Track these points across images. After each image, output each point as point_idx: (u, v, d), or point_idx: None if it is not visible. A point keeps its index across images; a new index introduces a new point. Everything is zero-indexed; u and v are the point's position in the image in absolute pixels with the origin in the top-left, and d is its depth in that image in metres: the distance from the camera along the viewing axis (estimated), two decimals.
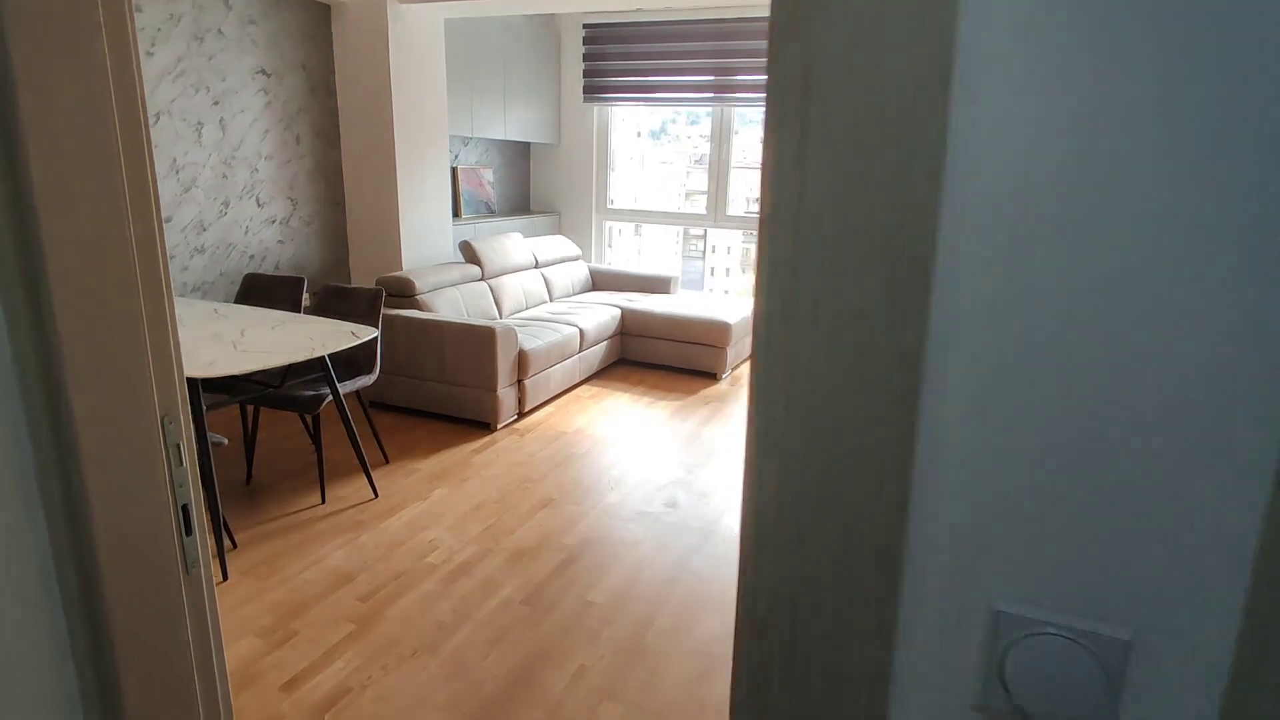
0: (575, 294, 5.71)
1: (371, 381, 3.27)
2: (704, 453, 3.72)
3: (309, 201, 4.38)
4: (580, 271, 5.85)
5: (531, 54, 5.87)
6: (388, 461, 3.46)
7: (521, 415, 4.14)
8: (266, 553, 2.65)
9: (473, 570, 2.59)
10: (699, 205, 6.59)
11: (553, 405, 4.36)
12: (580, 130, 6.40)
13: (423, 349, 3.93)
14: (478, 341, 3.79)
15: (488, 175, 5.93)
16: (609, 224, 6.70)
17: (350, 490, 3.17)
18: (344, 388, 3.09)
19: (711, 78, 5.82)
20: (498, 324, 3.82)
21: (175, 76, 3.53)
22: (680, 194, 6.91)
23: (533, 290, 5.22)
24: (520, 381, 4.04)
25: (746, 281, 6.94)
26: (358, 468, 3.36)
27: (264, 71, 3.98)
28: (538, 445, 3.74)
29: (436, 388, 3.96)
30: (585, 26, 6.10)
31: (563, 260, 5.72)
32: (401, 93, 4.32)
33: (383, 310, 3.95)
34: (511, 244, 5.14)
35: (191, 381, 2.35)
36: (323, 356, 2.60)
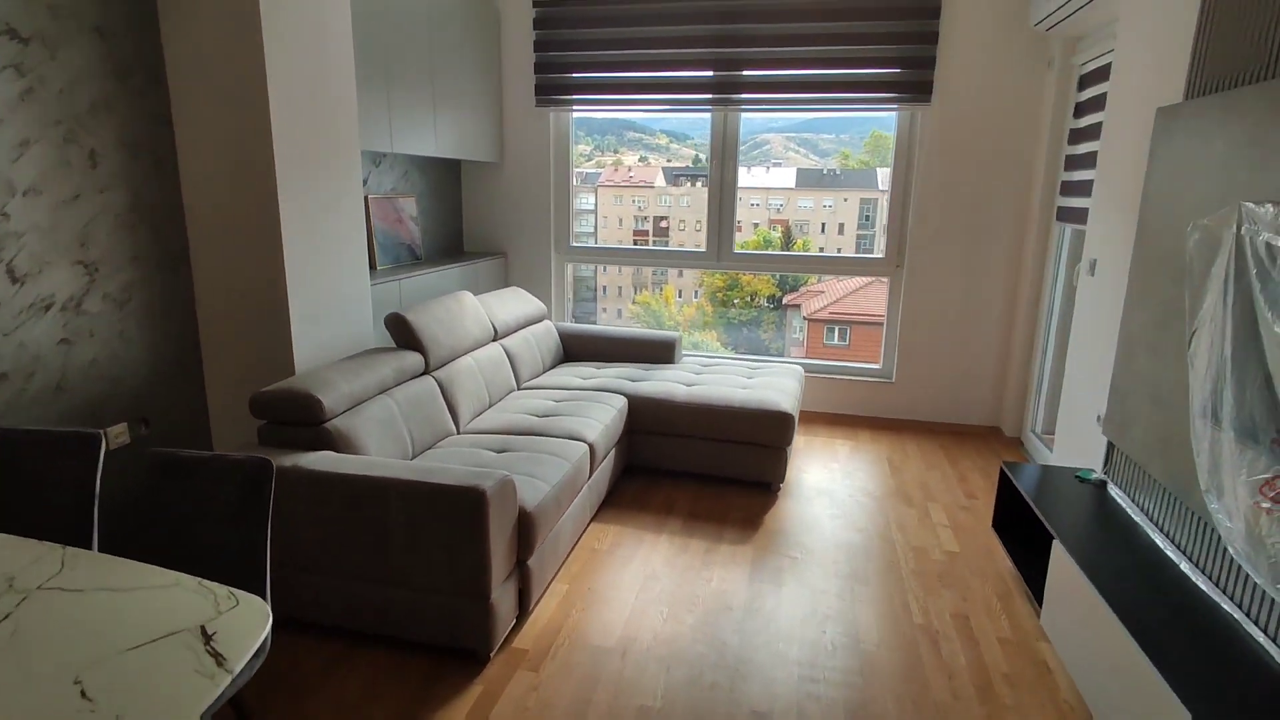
0: (545, 370, 4.06)
1: (253, 672, 1.55)
2: (849, 673, 2.20)
3: (121, 266, 2.54)
4: (549, 337, 4.21)
5: (465, 40, 4.21)
6: None
7: (523, 615, 2.47)
8: None
9: None
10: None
11: (564, 579, 2.71)
12: (530, 143, 4.77)
13: (345, 526, 2.20)
14: (454, 512, 2.11)
15: (409, 207, 4.19)
16: (570, 266, 5.09)
17: None
18: None
19: (711, 73, 4.37)
20: (485, 477, 2.15)
21: None
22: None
23: (495, 377, 3.54)
24: (522, 564, 2.38)
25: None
26: None
27: (13, 33, 2.15)
28: (569, 699, 2.10)
29: (375, 593, 2.24)
30: (535, 4, 4.51)
31: (526, 324, 4.07)
32: (285, 79, 2.58)
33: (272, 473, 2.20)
34: (462, 309, 3.45)
35: None
36: None
